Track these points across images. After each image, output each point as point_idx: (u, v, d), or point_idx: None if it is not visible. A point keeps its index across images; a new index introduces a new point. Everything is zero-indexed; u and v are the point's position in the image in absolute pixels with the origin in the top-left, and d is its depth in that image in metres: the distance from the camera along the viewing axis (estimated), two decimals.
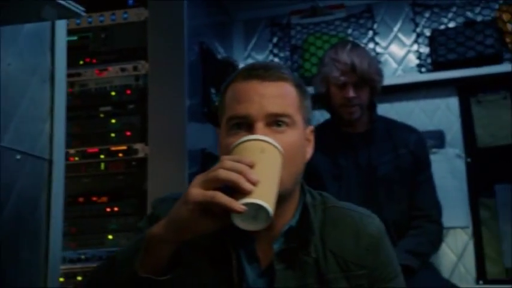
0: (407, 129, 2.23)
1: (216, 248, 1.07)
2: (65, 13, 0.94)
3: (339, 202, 1.17)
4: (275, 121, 1.04)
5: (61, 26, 1.13)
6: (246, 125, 1.04)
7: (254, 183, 0.89)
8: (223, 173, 0.89)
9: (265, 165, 0.94)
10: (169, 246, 0.94)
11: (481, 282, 2.43)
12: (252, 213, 0.90)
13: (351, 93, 2.07)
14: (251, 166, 0.91)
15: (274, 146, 0.97)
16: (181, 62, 2.06)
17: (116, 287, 0.95)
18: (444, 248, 2.51)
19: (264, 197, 0.89)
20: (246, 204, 0.88)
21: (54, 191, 1.07)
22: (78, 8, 0.93)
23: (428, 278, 1.96)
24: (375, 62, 2.19)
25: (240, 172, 0.89)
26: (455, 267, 2.50)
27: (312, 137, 1.15)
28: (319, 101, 2.20)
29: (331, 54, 2.13)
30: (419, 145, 2.18)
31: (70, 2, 0.91)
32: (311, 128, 1.14)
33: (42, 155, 1.04)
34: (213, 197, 0.88)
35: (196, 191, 0.89)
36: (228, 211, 0.88)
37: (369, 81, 2.09)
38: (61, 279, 1.93)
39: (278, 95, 1.06)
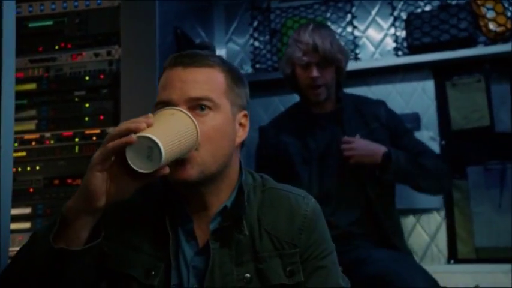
0: (374, 103, 2.26)
1: (155, 226, 1.12)
2: None
3: (277, 184, 1.22)
4: (198, 105, 1.09)
5: (9, 11, 1.16)
6: None
7: (146, 123, 0.95)
8: (115, 129, 0.95)
9: (170, 122, 1.00)
10: (85, 218, 0.98)
11: (452, 261, 2.49)
12: (146, 151, 0.94)
13: (315, 73, 2.09)
14: (148, 117, 0.98)
15: (185, 113, 1.03)
16: (153, 47, 2.08)
17: (35, 261, 1.00)
18: (418, 229, 2.57)
19: (157, 134, 0.94)
20: (138, 138, 0.93)
21: (3, 177, 1.11)
22: None
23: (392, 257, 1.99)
24: (337, 41, 2.20)
25: (133, 122, 0.96)
26: (429, 247, 2.55)
27: (245, 121, 1.19)
28: (287, 83, 2.24)
29: (294, 36, 2.17)
30: (391, 116, 2.21)
31: None
32: (244, 112, 1.18)
33: None
34: (106, 147, 0.94)
35: (95, 154, 0.96)
36: (123, 149, 0.94)
37: (333, 61, 2.12)
38: None
39: (201, 80, 1.10)
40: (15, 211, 2.07)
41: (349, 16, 2.79)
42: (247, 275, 1.10)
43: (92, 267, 1.04)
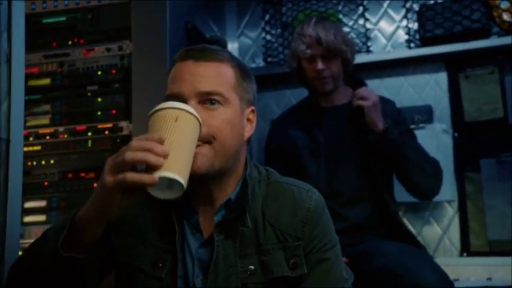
0: (384, 101, 2.22)
1: (162, 219, 1.14)
2: None
3: (282, 178, 1.22)
4: (208, 99, 1.10)
5: (18, 7, 1.18)
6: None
7: (163, 156, 0.93)
8: (129, 155, 0.92)
9: (178, 135, 0.97)
10: (96, 228, 0.99)
11: (464, 254, 2.48)
12: (166, 183, 0.95)
13: (319, 65, 2.09)
14: (161, 141, 0.94)
15: (189, 112, 1.00)
16: (164, 41, 2.10)
17: (43, 262, 1.01)
18: (430, 221, 2.56)
19: (175, 167, 0.93)
20: (160, 179, 0.92)
21: (12, 169, 1.14)
22: None
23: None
24: (342, 32, 2.20)
25: (147, 149, 0.92)
26: (441, 240, 2.54)
27: (253, 117, 1.20)
28: (295, 77, 2.25)
29: (298, 30, 2.18)
30: (396, 114, 2.19)
31: None
32: (252, 108, 1.19)
33: None
34: (124, 179, 0.92)
35: (109, 179, 0.93)
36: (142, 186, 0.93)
37: (337, 52, 2.11)
38: None
39: (211, 75, 1.11)
40: (30, 204, 2.12)
41: (361, 8, 2.78)
42: (251, 267, 1.12)
43: (97, 269, 1.06)
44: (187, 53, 1.14)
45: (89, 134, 2.14)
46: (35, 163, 2.17)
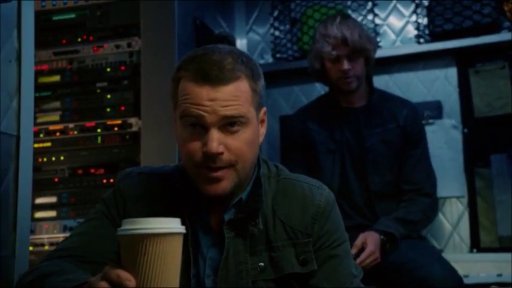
0: (399, 103, 2.24)
1: None
2: None
3: (292, 174, 1.22)
4: (229, 123, 1.07)
5: (28, 4, 1.19)
6: (201, 126, 1.07)
7: None
8: None
9: (169, 274, 0.86)
10: None
11: (474, 250, 2.47)
12: None
13: (346, 66, 2.08)
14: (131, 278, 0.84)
15: (177, 235, 0.88)
16: (173, 38, 2.11)
17: None
18: (440, 217, 2.55)
19: None
20: None
21: (22, 165, 1.15)
22: None
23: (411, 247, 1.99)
24: (365, 31, 2.20)
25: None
26: (451, 236, 2.53)
27: (265, 118, 1.18)
28: (316, 76, 2.24)
29: (321, 30, 2.15)
30: (410, 120, 2.18)
31: None
32: (264, 109, 1.18)
33: (9, 131, 1.12)
34: None
35: None
36: None
37: (362, 51, 2.10)
38: None
39: (231, 97, 1.07)
40: (41, 200, 2.14)
41: (369, 4, 2.76)
42: (261, 263, 1.12)
43: None
44: (203, 76, 1.06)
45: (99, 130, 2.16)
46: (45, 159, 2.19)
